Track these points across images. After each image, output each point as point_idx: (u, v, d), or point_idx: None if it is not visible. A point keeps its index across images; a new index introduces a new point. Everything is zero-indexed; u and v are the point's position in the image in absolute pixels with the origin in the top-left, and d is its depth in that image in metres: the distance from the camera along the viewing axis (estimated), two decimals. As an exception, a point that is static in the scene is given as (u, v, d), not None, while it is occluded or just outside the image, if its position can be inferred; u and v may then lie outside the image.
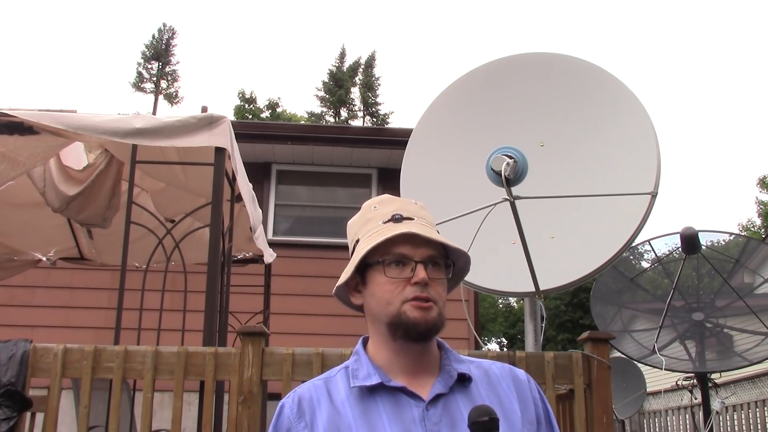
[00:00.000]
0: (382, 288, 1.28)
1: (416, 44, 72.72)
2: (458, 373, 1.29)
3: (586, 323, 21.90)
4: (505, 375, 1.34)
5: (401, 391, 1.26)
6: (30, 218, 4.73)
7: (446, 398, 1.25)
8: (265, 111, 38.97)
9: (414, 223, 1.31)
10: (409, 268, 1.27)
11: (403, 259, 1.27)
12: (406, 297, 1.25)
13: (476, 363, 1.36)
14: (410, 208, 1.36)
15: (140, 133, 3.28)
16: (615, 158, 3.05)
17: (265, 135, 8.32)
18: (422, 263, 1.26)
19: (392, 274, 1.27)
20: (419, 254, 1.27)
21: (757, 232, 27.89)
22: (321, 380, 1.33)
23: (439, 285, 1.28)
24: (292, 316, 7.33)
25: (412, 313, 1.25)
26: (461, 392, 1.28)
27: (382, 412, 1.24)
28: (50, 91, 61.44)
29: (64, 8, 70.87)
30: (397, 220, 1.31)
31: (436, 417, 1.23)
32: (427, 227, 1.31)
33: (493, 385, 1.31)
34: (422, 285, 1.25)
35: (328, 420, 1.24)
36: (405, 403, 1.25)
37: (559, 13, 74.54)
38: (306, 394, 1.30)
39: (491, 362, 1.38)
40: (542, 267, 2.86)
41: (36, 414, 3.44)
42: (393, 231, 1.28)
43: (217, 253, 3.28)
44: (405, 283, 1.26)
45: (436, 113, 3.42)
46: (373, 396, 1.26)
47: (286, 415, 1.28)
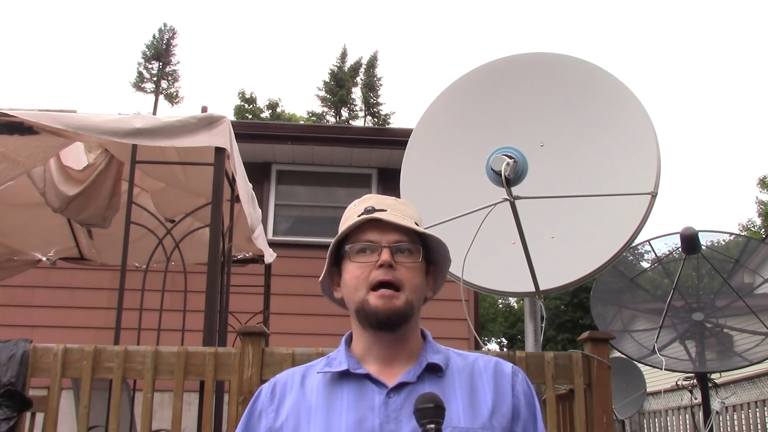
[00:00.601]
0: (351, 274, 1.31)
1: (418, 44, 72.77)
2: (427, 363, 1.30)
3: (586, 323, 21.90)
4: (489, 368, 1.35)
5: (367, 378, 1.28)
6: (30, 218, 4.73)
7: (413, 387, 1.26)
8: (265, 111, 38.97)
9: (386, 213, 1.32)
10: (377, 253, 1.29)
11: (370, 244, 1.30)
12: (371, 282, 1.28)
13: (462, 356, 1.38)
14: (387, 201, 1.37)
15: (140, 133, 3.28)
16: (615, 158, 3.05)
17: (265, 135, 8.32)
18: (388, 247, 1.29)
19: (359, 260, 1.30)
20: (386, 239, 1.30)
21: (757, 232, 27.89)
22: (302, 367, 1.39)
23: (409, 269, 1.30)
24: (292, 316, 7.33)
25: (374, 302, 1.27)
26: (432, 382, 1.28)
27: (344, 397, 1.27)
28: (50, 91, 61.49)
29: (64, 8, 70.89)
30: (369, 212, 1.33)
31: (396, 404, 1.24)
32: (399, 217, 1.32)
33: (472, 376, 1.32)
34: (386, 267, 1.27)
35: (294, 403, 1.30)
36: (369, 389, 1.27)
37: (559, 13, 74.57)
38: (282, 379, 1.37)
39: (478, 355, 1.39)
40: (542, 267, 2.86)
41: (36, 414, 3.44)
42: (360, 220, 1.31)
43: (217, 253, 3.28)
44: (371, 268, 1.28)
45: (437, 113, 3.42)
46: (340, 382, 1.30)
47: (260, 399, 1.35)
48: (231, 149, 3.43)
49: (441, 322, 7.79)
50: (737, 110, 66.52)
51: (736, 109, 66.83)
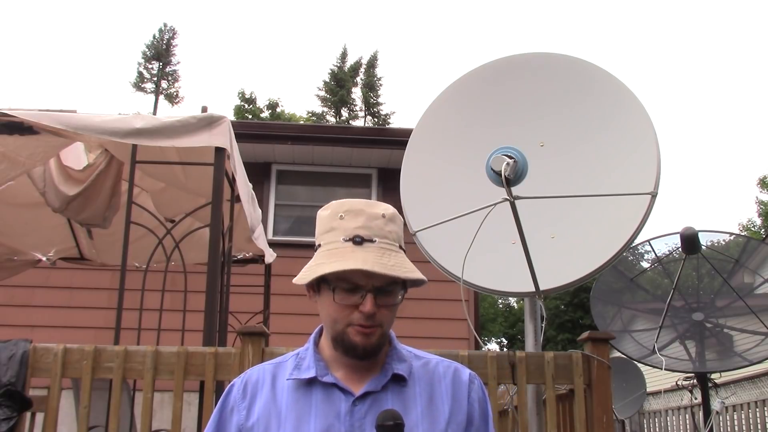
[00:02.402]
0: (331, 308, 1.31)
1: (418, 44, 72.76)
2: (393, 373, 1.33)
3: (586, 323, 21.91)
4: (447, 375, 1.39)
5: (334, 386, 1.32)
6: (30, 218, 4.73)
7: (377, 396, 1.31)
8: (265, 111, 38.96)
9: (374, 247, 1.29)
10: (359, 296, 1.28)
11: (354, 287, 1.28)
12: (351, 321, 1.29)
13: (423, 360, 1.41)
14: (375, 225, 1.31)
15: (140, 133, 3.28)
16: (615, 158, 3.05)
17: (265, 135, 8.32)
18: (372, 292, 1.28)
19: (341, 300, 1.29)
20: (371, 283, 1.28)
21: (757, 232, 27.88)
22: (272, 364, 1.41)
23: (388, 310, 1.31)
24: (292, 316, 7.31)
25: (354, 337, 1.29)
26: (395, 391, 1.33)
27: (312, 404, 1.31)
28: (50, 91, 61.49)
29: (64, 8, 70.89)
30: (357, 243, 1.29)
31: (361, 413, 1.29)
32: (387, 251, 1.30)
33: (432, 384, 1.36)
34: (369, 315, 1.28)
35: (265, 405, 1.33)
36: (336, 397, 1.31)
37: (559, 13, 74.56)
38: (254, 377, 1.39)
39: (439, 360, 1.42)
40: (542, 267, 2.85)
41: (36, 414, 3.44)
42: (347, 258, 1.26)
43: (217, 253, 3.28)
44: (352, 308, 1.29)
45: (437, 113, 3.42)
46: (309, 388, 1.33)
47: (232, 395, 1.38)
48: (231, 149, 3.43)
49: (441, 322, 7.79)
50: (737, 110, 66.55)
51: (736, 109, 66.86)
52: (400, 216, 1.40)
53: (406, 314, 8.22)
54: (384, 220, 1.34)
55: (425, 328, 7.59)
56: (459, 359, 2.76)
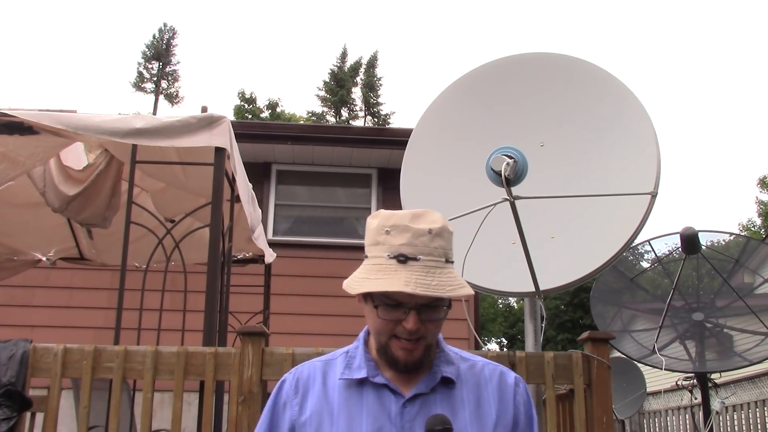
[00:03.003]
0: (376, 321, 1.33)
1: (418, 44, 72.75)
2: (441, 376, 1.35)
3: (586, 323, 21.91)
4: (494, 378, 1.40)
5: (385, 387, 1.34)
6: (30, 218, 4.73)
7: (426, 398, 1.33)
8: (265, 111, 38.96)
9: (418, 266, 1.28)
10: (403, 311, 1.29)
11: (398, 304, 1.30)
12: (395, 335, 1.31)
13: (470, 363, 1.42)
14: (420, 242, 1.30)
15: (140, 133, 3.28)
16: (615, 158, 3.05)
17: (265, 135, 8.31)
18: (415, 309, 1.28)
19: (384, 316, 1.30)
20: (415, 301, 1.28)
21: (757, 232, 27.88)
22: (321, 362, 1.43)
23: (433, 324, 1.32)
24: (292, 316, 7.33)
25: (396, 351, 1.32)
26: (443, 393, 1.35)
27: (364, 404, 1.33)
28: (50, 91, 61.49)
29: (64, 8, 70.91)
30: (401, 262, 1.28)
31: (411, 415, 1.31)
32: (431, 269, 1.29)
33: (479, 387, 1.38)
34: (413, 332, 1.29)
35: (317, 402, 1.36)
36: (387, 398, 1.33)
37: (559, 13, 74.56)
38: (305, 373, 1.41)
39: (486, 363, 1.44)
40: (542, 267, 2.86)
41: (36, 414, 3.44)
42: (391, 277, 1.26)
43: (217, 253, 3.28)
44: (396, 323, 1.30)
45: (437, 113, 3.42)
46: (360, 387, 1.35)
47: (285, 390, 1.41)
48: (231, 149, 3.43)
49: (441, 322, 7.79)
50: (737, 110, 66.55)
51: (736, 109, 66.86)
52: (449, 227, 1.39)
53: (406, 314, 8.21)
54: (430, 236, 1.32)
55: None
56: (459, 359, 2.76)
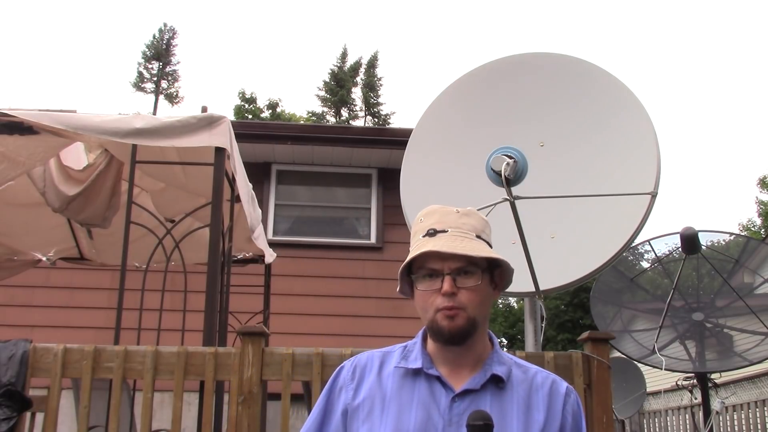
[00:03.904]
0: (419, 298, 1.40)
1: (418, 44, 72.75)
2: (492, 374, 1.38)
3: (586, 323, 21.90)
4: (546, 385, 1.43)
5: (437, 380, 1.38)
6: (30, 218, 4.73)
7: (476, 394, 1.36)
8: (265, 111, 38.95)
9: (446, 235, 1.39)
10: (440, 280, 1.36)
11: (433, 272, 1.37)
12: (437, 306, 1.36)
13: (523, 368, 1.45)
14: (448, 219, 1.42)
15: (140, 133, 3.28)
16: (615, 158, 3.05)
17: (265, 135, 8.31)
18: (450, 275, 1.35)
19: (423, 287, 1.39)
20: (447, 267, 1.36)
21: (757, 232, 27.87)
22: (381, 352, 1.49)
23: (471, 291, 1.37)
24: (292, 316, 7.32)
25: (441, 321, 1.36)
26: (493, 392, 1.38)
27: (415, 393, 1.38)
28: (50, 91, 61.48)
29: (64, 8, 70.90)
30: (431, 235, 1.40)
31: (459, 410, 1.34)
32: (459, 238, 1.38)
33: (529, 391, 1.41)
34: (449, 295, 1.35)
35: (371, 388, 1.41)
36: (438, 390, 1.37)
37: (559, 13, 74.57)
38: (363, 361, 1.48)
39: (539, 370, 1.47)
40: (542, 267, 2.86)
41: (36, 414, 3.44)
42: (422, 248, 1.37)
43: (217, 253, 3.28)
44: (436, 294, 1.36)
45: (437, 113, 3.42)
46: (414, 378, 1.40)
47: (342, 375, 1.47)
48: (231, 149, 3.43)
49: (441, 322, 7.79)
50: (737, 110, 66.56)
51: (736, 109, 66.87)
52: (481, 215, 1.49)
53: (406, 314, 8.18)
54: (458, 214, 1.44)
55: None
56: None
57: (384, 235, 8.08)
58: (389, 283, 7.70)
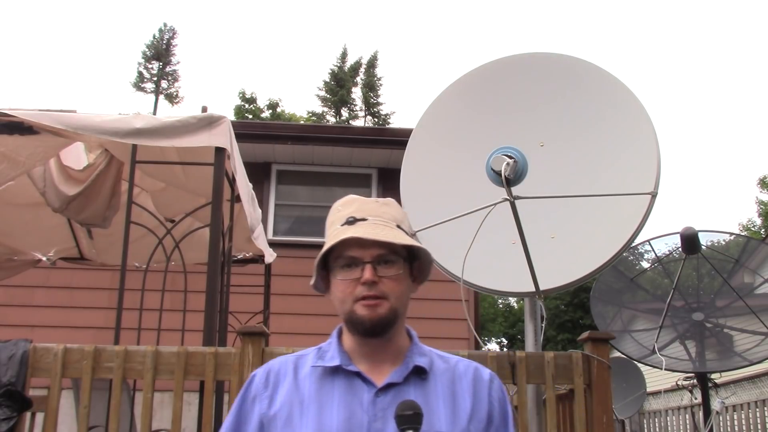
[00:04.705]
0: (338, 288, 1.35)
1: (418, 44, 72.75)
2: (414, 365, 1.35)
3: (586, 323, 21.91)
4: (468, 373, 1.40)
5: (357, 376, 1.34)
6: (30, 218, 4.73)
7: (399, 388, 1.32)
8: (266, 111, 38.95)
9: (367, 223, 1.35)
10: (360, 269, 1.32)
11: (352, 260, 1.33)
12: (356, 296, 1.32)
13: (444, 358, 1.43)
14: (368, 207, 1.39)
15: (140, 133, 3.28)
16: (615, 158, 3.05)
17: (266, 135, 8.32)
18: (370, 263, 1.32)
19: (342, 276, 1.34)
20: (368, 254, 1.32)
21: (757, 232, 27.88)
22: (294, 356, 1.44)
23: (392, 281, 1.33)
24: (292, 316, 7.33)
25: (360, 311, 1.32)
26: (417, 384, 1.34)
27: (335, 392, 1.33)
28: (50, 91, 61.47)
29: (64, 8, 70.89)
30: (351, 223, 1.35)
31: (384, 404, 1.30)
32: (380, 226, 1.35)
33: (453, 380, 1.38)
34: (369, 284, 1.31)
35: (288, 393, 1.35)
36: (359, 387, 1.33)
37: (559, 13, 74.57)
38: (276, 367, 1.41)
39: (459, 359, 1.44)
40: (542, 267, 2.85)
41: (36, 414, 3.44)
42: (342, 235, 1.32)
43: (217, 253, 3.28)
44: (356, 283, 1.32)
45: (437, 113, 3.42)
46: (332, 377, 1.35)
47: (254, 384, 1.40)
48: (231, 149, 3.43)
49: (441, 322, 7.79)
50: (737, 110, 66.55)
51: (736, 109, 66.86)
52: (400, 206, 1.45)
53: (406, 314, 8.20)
54: (378, 203, 1.41)
55: (425, 328, 7.55)
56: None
57: (384, 235, 8.07)
58: (389, 283, 7.75)
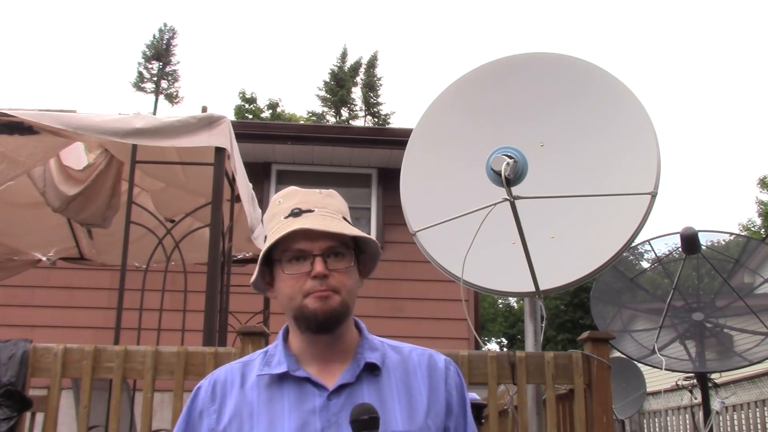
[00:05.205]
0: (286, 284, 1.29)
1: (418, 44, 72.74)
2: (366, 362, 1.29)
3: (586, 323, 21.91)
4: (423, 363, 1.35)
5: (307, 381, 1.27)
6: (30, 218, 4.73)
7: (352, 388, 1.27)
8: (266, 111, 38.95)
9: (313, 215, 1.29)
10: (309, 262, 1.27)
11: (301, 253, 1.27)
12: (306, 291, 1.26)
13: (397, 348, 1.37)
14: (312, 199, 1.34)
15: (140, 133, 3.28)
16: (615, 158, 3.05)
17: (266, 135, 8.32)
18: (320, 256, 1.26)
19: (291, 270, 1.28)
20: (317, 247, 1.27)
21: (757, 232, 27.88)
22: (240, 363, 1.37)
23: (342, 274, 1.28)
24: (292, 316, 7.32)
25: (312, 305, 1.26)
26: (369, 382, 1.28)
27: (285, 400, 1.26)
28: (50, 91, 61.47)
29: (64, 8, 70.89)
30: (296, 215, 1.30)
31: (337, 407, 1.24)
32: (328, 218, 1.30)
33: (407, 373, 1.32)
34: (321, 278, 1.26)
35: (235, 405, 1.28)
36: (309, 392, 1.26)
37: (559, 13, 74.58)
38: (221, 377, 1.35)
39: (413, 348, 1.39)
40: (542, 267, 2.85)
41: (36, 414, 3.44)
42: (288, 228, 1.27)
43: (217, 253, 3.28)
44: (306, 277, 1.27)
45: (437, 113, 3.42)
46: (280, 384, 1.28)
47: (200, 398, 1.34)
48: (231, 149, 3.43)
49: (441, 322, 7.80)
50: (737, 110, 66.55)
51: (736, 109, 66.87)
52: (341, 197, 1.40)
53: (406, 314, 8.17)
54: (321, 195, 1.36)
55: (425, 328, 7.60)
56: (459, 359, 2.76)
57: (384, 235, 8.08)
58: (389, 283, 7.74)
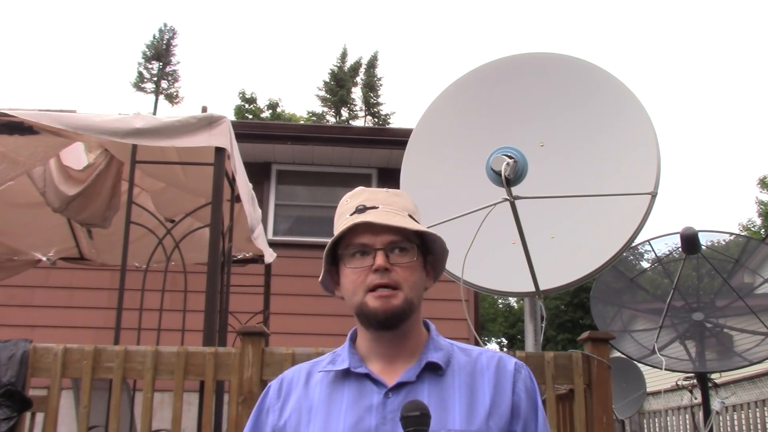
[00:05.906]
0: (348, 279, 1.29)
1: (418, 44, 72.74)
2: (427, 362, 1.28)
3: (586, 323, 21.90)
4: (491, 365, 1.32)
5: (367, 378, 1.27)
6: (30, 218, 4.73)
7: (412, 387, 1.25)
8: (266, 111, 38.95)
9: (377, 211, 1.29)
10: (371, 257, 1.27)
11: (364, 248, 1.27)
12: (368, 285, 1.26)
13: (466, 351, 1.35)
14: (378, 197, 1.34)
15: (140, 133, 3.29)
16: (615, 158, 3.05)
17: (265, 135, 8.32)
18: (382, 250, 1.26)
19: (353, 265, 1.28)
20: (379, 241, 1.27)
21: (757, 232, 27.87)
22: (309, 363, 1.39)
23: (405, 269, 1.27)
24: (292, 316, 7.33)
25: (372, 303, 1.25)
26: (432, 381, 1.27)
27: (345, 397, 1.27)
28: (50, 91, 61.47)
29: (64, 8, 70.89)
30: (360, 211, 1.30)
31: (394, 405, 1.23)
32: (391, 213, 1.29)
33: (473, 375, 1.30)
34: (382, 271, 1.25)
35: (297, 401, 1.31)
36: (368, 389, 1.26)
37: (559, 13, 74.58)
38: (289, 375, 1.38)
39: (482, 351, 1.37)
40: (542, 267, 2.86)
41: (36, 414, 3.44)
42: (351, 223, 1.27)
43: (217, 253, 3.28)
44: (367, 272, 1.26)
45: (437, 113, 3.42)
46: (342, 381, 1.30)
47: (269, 396, 1.37)
48: (231, 149, 3.43)
49: (441, 322, 7.77)
50: (737, 110, 66.56)
51: (736, 109, 66.87)
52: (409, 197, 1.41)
53: (406, 314, 8.20)
54: (388, 193, 1.37)
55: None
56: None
57: (384, 235, 8.08)
58: (389, 283, 7.75)
